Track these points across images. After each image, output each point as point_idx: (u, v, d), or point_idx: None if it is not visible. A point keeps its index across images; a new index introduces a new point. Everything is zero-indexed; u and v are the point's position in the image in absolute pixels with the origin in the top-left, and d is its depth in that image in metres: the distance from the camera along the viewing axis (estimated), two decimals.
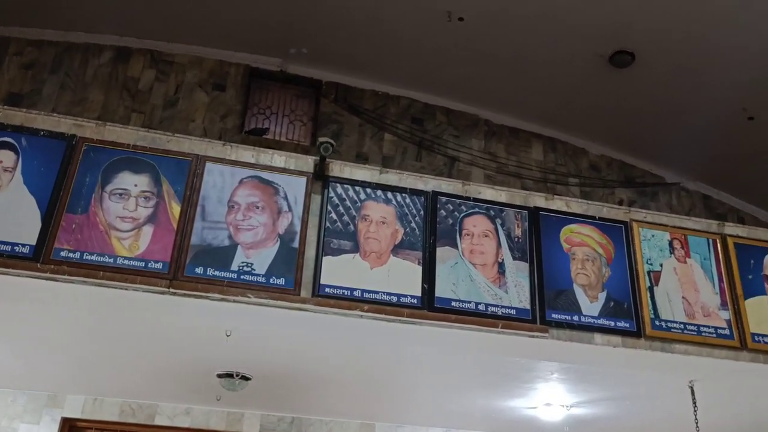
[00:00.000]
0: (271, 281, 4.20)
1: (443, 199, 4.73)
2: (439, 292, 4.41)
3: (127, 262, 4.08)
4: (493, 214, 4.78)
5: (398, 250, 4.48)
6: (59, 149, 4.33)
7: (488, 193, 4.89)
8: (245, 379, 5.37)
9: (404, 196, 4.68)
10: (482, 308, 4.44)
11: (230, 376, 5.33)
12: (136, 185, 4.30)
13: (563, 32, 7.25)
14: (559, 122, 8.64)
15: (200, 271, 4.14)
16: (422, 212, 4.64)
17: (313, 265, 4.33)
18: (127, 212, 4.20)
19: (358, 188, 4.62)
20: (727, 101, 7.78)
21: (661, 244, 4.97)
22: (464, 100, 8.50)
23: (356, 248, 4.42)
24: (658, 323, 4.68)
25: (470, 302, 4.44)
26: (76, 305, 4.32)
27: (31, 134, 4.36)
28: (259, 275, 4.21)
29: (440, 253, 4.53)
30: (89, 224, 4.15)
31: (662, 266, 4.90)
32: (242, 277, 4.18)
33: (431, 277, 4.44)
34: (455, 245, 4.59)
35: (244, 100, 8.00)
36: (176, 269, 4.11)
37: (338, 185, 4.60)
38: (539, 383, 5.32)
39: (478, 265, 4.57)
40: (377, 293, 4.31)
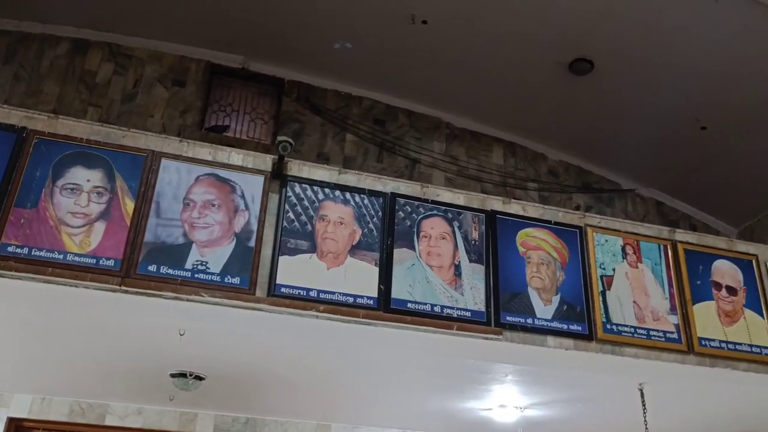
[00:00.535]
0: (225, 280, 4.16)
1: (402, 200, 4.74)
2: (395, 293, 4.42)
3: (77, 258, 3.99)
4: (450, 216, 4.81)
5: (355, 250, 4.48)
6: (9, 141, 4.21)
7: (446, 195, 4.92)
8: (199, 378, 5.30)
9: (363, 197, 4.68)
10: (438, 310, 4.47)
11: (184, 375, 5.26)
12: (88, 180, 4.21)
13: (525, 39, 7.34)
14: (519, 127, 8.75)
15: (153, 269, 4.07)
16: (380, 213, 4.65)
17: (269, 264, 4.30)
18: (78, 208, 4.11)
19: (316, 188, 4.61)
20: (681, 111, 7.98)
21: (614, 249, 5.07)
22: (426, 102, 8.55)
23: (313, 248, 4.41)
24: (609, 327, 4.77)
25: (426, 304, 4.46)
26: (23, 302, 4.21)
27: None
28: (213, 274, 4.16)
29: (397, 254, 4.55)
30: (39, 219, 4.04)
31: (614, 271, 4.99)
32: (196, 275, 4.13)
33: (388, 278, 4.45)
34: (412, 247, 4.61)
35: (204, 96, 7.90)
36: (128, 267, 4.04)
37: (296, 185, 4.58)
38: (494, 385, 5.38)
39: (434, 267, 4.59)
40: (333, 294, 4.30)
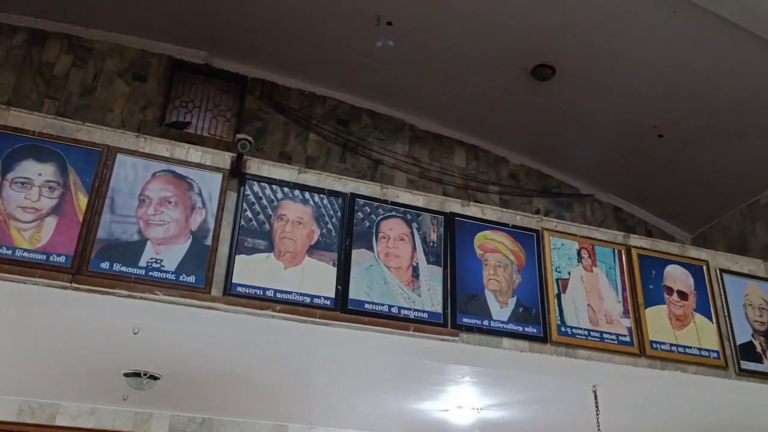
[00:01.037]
0: (181, 279, 4.10)
1: (361, 201, 4.74)
2: (352, 294, 4.42)
3: (27, 254, 3.90)
4: (409, 218, 4.83)
5: (313, 250, 4.46)
6: None
7: (406, 197, 4.94)
8: (153, 378, 5.23)
9: (322, 196, 4.66)
10: (395, 311, 4.47)
11: (138, 375, 5.19)
12: (40, 174, 4.11)
13: (489, 43, 7.42)
14: (481, 131, 8.83)
15: (106, 266, 4.00)
16: (339, 214, 4.64)
17: (225, 263, 4.26)
18: (29, 202, 4.01)
19: (275, 187, 4.58)
20: (639, 119, 8.15)
21: (569, 252, 5.15)
22: (390, 104, 8.57)
23: (271, 248, 4.38)
24: (563, 329, 4.84)
25: (383, 305, 4.46)
26: None
27: None
28: (168, 272, 4.10)
29: (356, 255, 4.55)
30: None
31: (570, 274, 5.07)
32: (151, 273, 4.06)
33: (345, 278, 4.44)
34: (371, 248, 4.61)
35: (165, 92, 7.79)
36: (80, 263, 3.96)
37: (255, 183, 4.54)
38: (451, 386, 5.41)
39: (392, 268, 4.60)
40: (290, 294, 4.28)
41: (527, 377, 5.18)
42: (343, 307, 4.37)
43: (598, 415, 5.32)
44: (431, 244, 4.79)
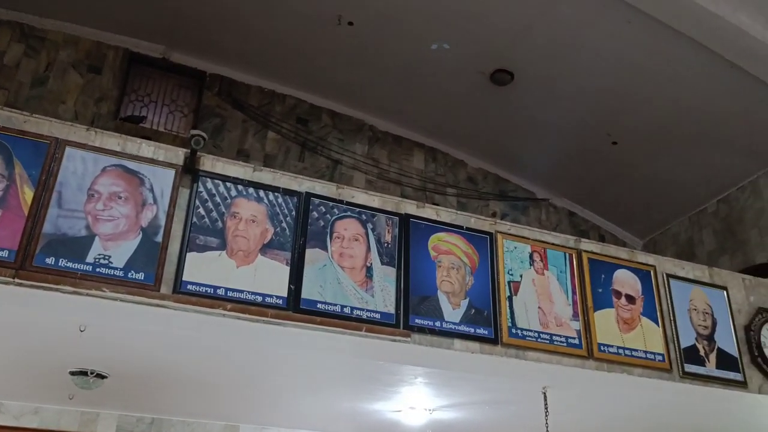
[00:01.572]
0: (129, 275, 4.03)
1: (316, 200, 4.72)
2: (305, 293, 4.40)
3: None
4: (364, 218, 4.83)
5: (267, 249, 4.43)
6: None
7: (362, 197, 4.93)
8: (101, 377, 5.12)
9: (277, 195, 4.63)
10: (348, 311, 4.47)
11: (84, 373, 5.07)
12: None
13: (449, 47, 7.48)
14: (440, 133, 8.90)
15: (51, 261, 3.90)
16: (294, 213, 4.61)
17: (176, 260, 4.19)
18: None
19: (229, 184, 4.53)
20: (594, 126, 8.32)
21: (522, 255, 5.22)
22: (351, 104, 8.58)
23: (223, 246, 4.33)
24: (514, 331, 4.90)
25: (336, 305, 4.45)
26: None
27: None
28: (116, 269, 4.02)
29: (309, 254, 4.52)
30: None
31: (522, 277, 5.13)
32: (98, 269, 3.98)
33: (298, 278, 4.42)
34: (325, 247, 4.60)
35: (121, 85, 7.66)
36: (24, 258, 3.85)
37: (209, 180, 4.49)
38: (404, 387, 5.42)
39: (346, 268, 4.60)
40: (242, 292, 4.24)
41: (479, 378, 5.22)
42: (295, 306, 4.34)
43: (547, 416, 5.39)
44: (386, 244, 4.80)
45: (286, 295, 4.35)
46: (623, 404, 5.87)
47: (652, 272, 5.65)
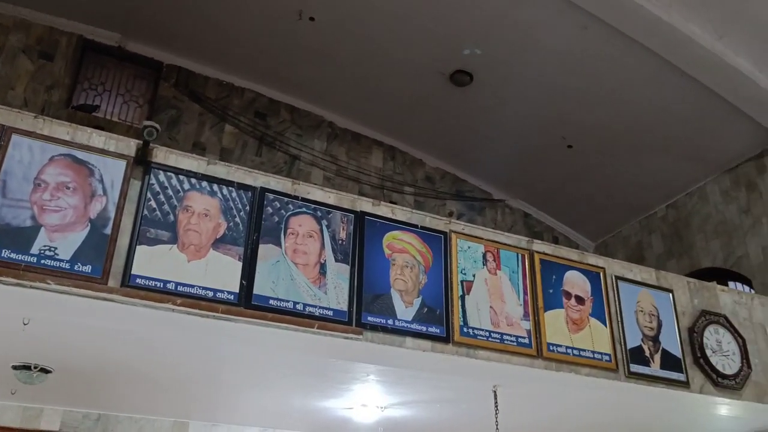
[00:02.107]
0: (76, 268, 3.93)
1: (271, 196, 4.68)
2: (257, 289, 4.35)
3: None
4: (320, 215, 4.81)
5: (219, 244, 4.37)
6: None
7: (317, 194, 4.91)
8: (45, 371, 5.00)
9: (231, 189, 4.58)
10: (300, 308, 4.44)
11: (27, 368, 4.95)
12: None
13: (410, 46, 7.52)
14: (400, 132, 8.94)
15: None
16: (248, 208, 4.57)
17: (125, 254, 4.11)
18: None
19: (182, 177, 4.46)
20: (549, 129, 8.46)
21: (475, 255, 5.27)
22: (310, 100, 8.54)
23: (174, 239, 4.26)
24: (465, 330, 4.94)
25: (289, 301, 4.42)
26: None
27: None
28: (62, 261, 3.92)
29: (262, 250, 4.48)
30: None
31: (475, 276, 5.18)
32: (43, 261, 3.87)
33: (251, 273, 4.37)
34: (279, 243, 4.57)
35: (74, 73, 7.47)
36: None
37: (161, 172, 4.41)
38: (356, 384, 5.43)
39: (300, 264, 4.57)
40: (192, 287, 4.17)
41: (430, 377, 5.26)
42: (247, 302, 4.30)
43: (497, 414, 5.46)
44: (340, 242, 4.79)
45: (237, 290, 4.30)
46: (571, 403, 5.99)
47: (601, 274, 5.76)
